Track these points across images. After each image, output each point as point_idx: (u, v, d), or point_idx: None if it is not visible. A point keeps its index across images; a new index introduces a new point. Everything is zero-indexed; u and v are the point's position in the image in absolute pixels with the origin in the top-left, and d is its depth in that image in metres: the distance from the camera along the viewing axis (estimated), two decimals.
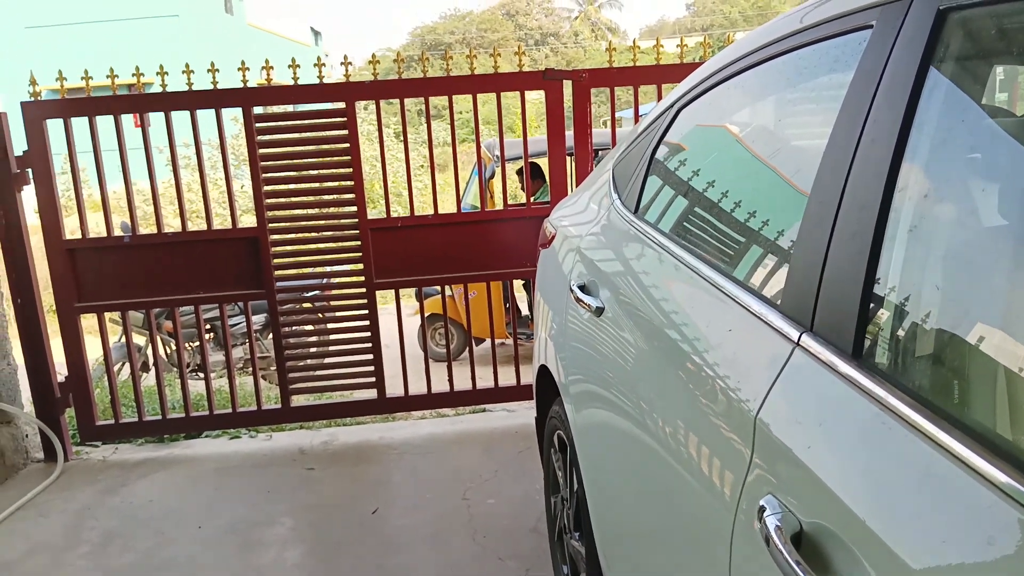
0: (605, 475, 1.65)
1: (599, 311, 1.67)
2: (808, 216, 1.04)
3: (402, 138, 3.68)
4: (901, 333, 0.86)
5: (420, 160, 11.96)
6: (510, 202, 4.77)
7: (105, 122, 3.34)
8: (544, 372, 2.20)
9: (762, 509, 0.88)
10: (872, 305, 0.89)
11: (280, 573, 2.54)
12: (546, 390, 2.25)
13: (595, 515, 1.73)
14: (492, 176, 5.90)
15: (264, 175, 3.45)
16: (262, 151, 3.44)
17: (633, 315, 1.51)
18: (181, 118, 3.36)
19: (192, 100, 3.37)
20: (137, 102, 3.38)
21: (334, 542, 2.71)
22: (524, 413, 3.80)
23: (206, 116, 3.42)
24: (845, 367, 0.88)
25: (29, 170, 3.36)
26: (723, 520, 1.01)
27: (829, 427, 0.87)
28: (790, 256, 1.07)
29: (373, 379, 3.66)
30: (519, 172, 6.09)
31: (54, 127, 3.35)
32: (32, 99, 3.33)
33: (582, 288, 1.81)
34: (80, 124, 3.33)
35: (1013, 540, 0.64)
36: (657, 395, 1.33)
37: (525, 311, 6.34)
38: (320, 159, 3.48)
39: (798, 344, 0.97)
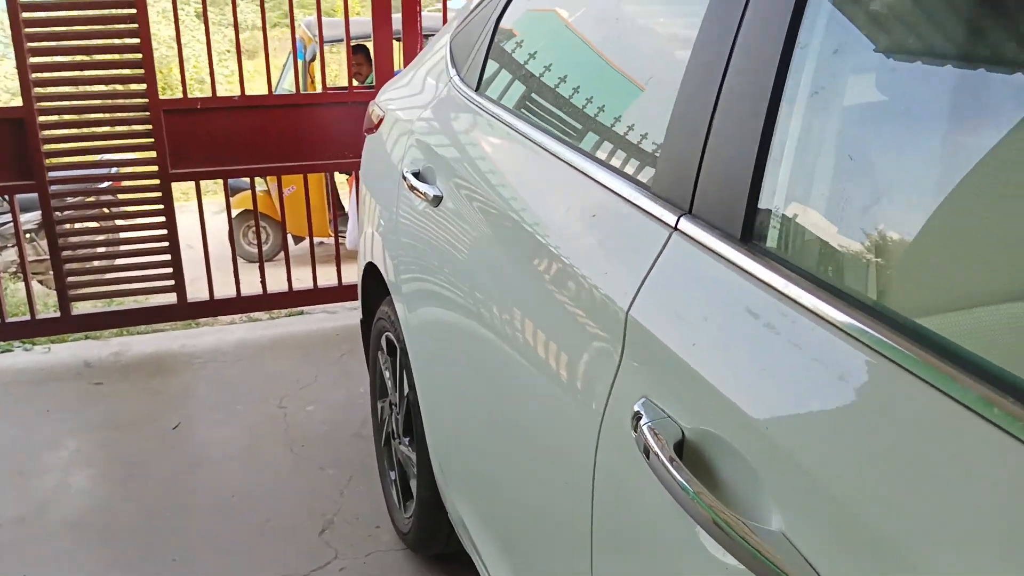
0: (441, 378, 1.51)
1: (437, 200, 1.48)
2: (688, 80, 0.90)
3: (203, 18, 3.18)
4: (796, 212, 0.76)
5: (227, 44, 10.82)
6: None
7: None
8: (371, 270, 2.00)
9: (637, 416, 0.77)
10: (765, 182, 0.77)
11: (64, 499, 2.21)
12: (373, 290, 2.06)
13: (428, 420, 1.60)
14: (313, 59, 5.39)
15: (30, 44, 2.85)
16: (26, 15, 2.83)
17: (477, 202, 1.34)
18: None
19: None
20: None
21: (127, 463, 2.39)
22: (346, 314, 3.57)
23: None
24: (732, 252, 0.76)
25: None
26: (584, 428, 0.89)
27: (717, 320, 0.76)
28: (666, 130, 0.94)
29: (172, 282, 3.25)
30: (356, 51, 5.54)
31: None
32: None
33: (416, 175, 1.61)
34: None
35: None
36: (506, 291, 1.19)
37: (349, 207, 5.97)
38: (101, 27, 2.93)
39: (676, 229, 0.85)
